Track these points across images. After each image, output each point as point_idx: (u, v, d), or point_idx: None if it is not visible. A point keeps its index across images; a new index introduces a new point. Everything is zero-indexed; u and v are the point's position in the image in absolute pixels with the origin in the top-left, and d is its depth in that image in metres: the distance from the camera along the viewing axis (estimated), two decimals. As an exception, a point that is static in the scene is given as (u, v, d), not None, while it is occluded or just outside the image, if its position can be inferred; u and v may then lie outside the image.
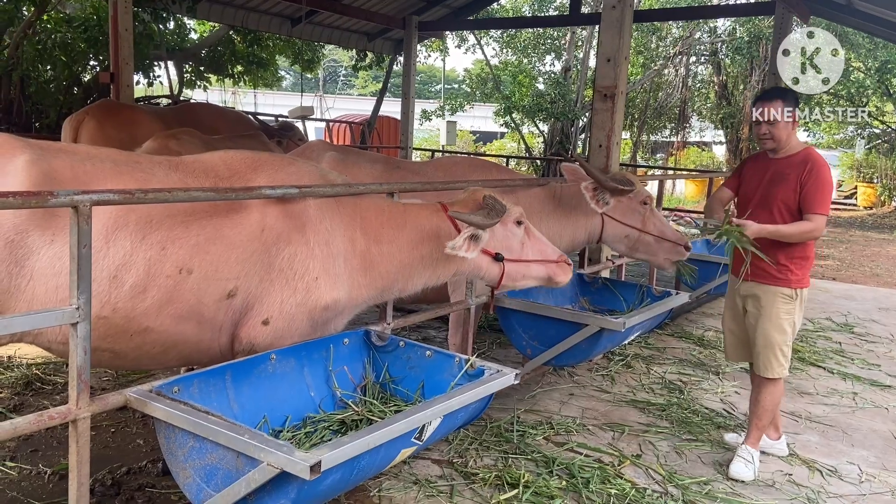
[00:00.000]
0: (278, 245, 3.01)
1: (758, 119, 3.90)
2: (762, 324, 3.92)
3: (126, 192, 2.51)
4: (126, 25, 8.25)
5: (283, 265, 3.01)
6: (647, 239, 4.91)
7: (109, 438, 3.99)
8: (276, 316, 3.02)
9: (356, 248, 3.25)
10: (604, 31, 6.22)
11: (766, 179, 3.92)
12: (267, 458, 2.21)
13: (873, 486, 3.87)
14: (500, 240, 3.53)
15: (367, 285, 3.31)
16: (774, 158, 3.94)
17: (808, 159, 3.82)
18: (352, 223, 3.27)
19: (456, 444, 4.04)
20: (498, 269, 3.54)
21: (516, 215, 3.60)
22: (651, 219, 4.91)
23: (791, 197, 3.81)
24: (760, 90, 3.96)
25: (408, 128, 13.47)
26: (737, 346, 4.17)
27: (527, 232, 3.66)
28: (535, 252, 3.66)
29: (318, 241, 3.11)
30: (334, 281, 3.14)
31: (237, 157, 3.24)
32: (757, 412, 3.97)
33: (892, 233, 16.71)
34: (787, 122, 3.82)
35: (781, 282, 3.86)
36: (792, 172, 3.81)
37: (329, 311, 3.19)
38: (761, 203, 3.91)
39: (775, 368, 3.87)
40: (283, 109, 15.77)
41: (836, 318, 7.57)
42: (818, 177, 3.76)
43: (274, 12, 12.88)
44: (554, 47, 21.09)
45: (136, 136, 6.43)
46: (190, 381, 2.72)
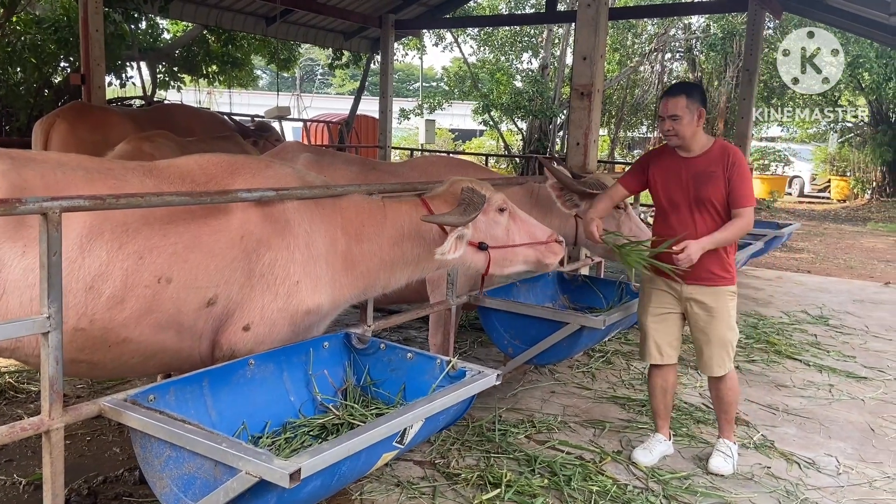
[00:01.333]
0: (259, 251, 2.97)
1: (661, 115, 3.81)
2: (716, 326, 3.81)
3: (97, 197, 2.47)
4: (97, 26, 8.13)
5: (263, 270, 2.97)
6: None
7: (85, 447, 3.92)
8: (258, 322, 2.98)
9: (337, 248, 3.22)
10: (579, 30, 6.24)
11: (687, 180, 3.78)
12: (245, 467, 2.18)
13: (851, 477, 3.92)
14: (484, 230, 3.48)
15: (349, 285, 3.28)
16: (689, 158, 3.80)
17: (726, 152, 3.76)
18: (332, 223, 3.24)
19: (438, 445, 4.03)
20: (483, 259, 3.51)
21: (498, 203, 3.54)
22: (626, 223, 4.81)
23: (721, 194, 3.71)
24: (667, 87, 3.87)
25: (386, 127, 13.44)
26: (661, 346, 3.97)
27: (511, 217, 3.60)
28: (522, 235, 3.60)
29: (298, 244, 3.07)
30: (316, 284, 3.11)
31: (213, 161, 3.19)
32: (723, 407, 3.98)
33: (865, 225, 16.97)
34: (691, 118, 3.71)
35: (727, 280, 3.82)
36: (717, 169, 3.71)
37: (312, 315, 3.15)
38: (695, 205, 3.76)
39: (727, 364, 3.88)
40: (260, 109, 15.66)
41: (811, 311, 7.66)
42: (741, 168, 3.72)
43: (248, 11, 12.78)
44: (531, 45, 21.15)
45: (108, 138, 6.34)
46: (166, 388, 2.68)
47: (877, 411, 4.88)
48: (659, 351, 3.98)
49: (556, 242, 3.72)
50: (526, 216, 3.72)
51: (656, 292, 3.97)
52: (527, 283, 5.11)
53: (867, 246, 13.53)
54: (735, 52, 18.79)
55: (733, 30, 18.80)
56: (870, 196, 21.31)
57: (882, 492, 3.77)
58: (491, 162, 20.47)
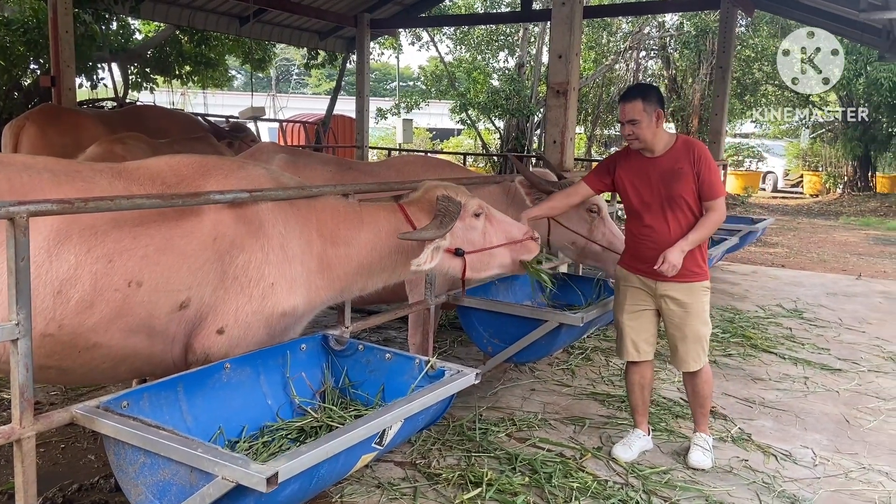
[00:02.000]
0: (232, 252, 2.93)
1: (620, 120, 3.84)
2: (690, 321, 3.85)
3: (65, 201, 2.42)
4: (66, 27, 8.01)
5: (237, 273, 2.93)
6: (594, 247, 4.78)
7: (59, 455, 3.86)
8: (232, 324, 2.94)
9: (313, 250, 3.18)
10: (554, 28, 6.26)
11: (657, 180, 3.80)
12: (221, 472, 2.15)
13: (827, 468, 3.97)
14: (460, 235, 3.47)
15: (325, 287, 3.26)
16: (654, 158, 3.83)
17: (690, 147, 3.79)
18: (307, 225, 3.20)
19: (419, 445, 4.01)
20: (459, 264, 3.50)
21: (473, 208, 3.53)
22: (599, 227, 4.77)
23: (692, 190, 3.75)
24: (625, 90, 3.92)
25: (363, 126, 13.38)
26: (637, 343, 3.99)
27: (488, 219, 3.60)
28: (498, 236, 3.60)
29: (272, 245, 3.04)
30: (291, 286, 3.07)
31: (184, 162, 3.13)
32: (699, 401, 4.01)
33: (837, 219, 17.22)
34: (650, 121, 3.75)
35: (700, 276, 3.85)
36: (684, 165, 3.74)
37: (287, 318, 3.12)
38: (667, 204, 3.78)
39: (702, 358, 3.92)
40: (235, 110, 15.50)
41: (786, 305, 7.76)
42: (708, 161, 3.75)
43: (221, 11, 12.66)
44: (507, 44, 21.17)
45: (79, 140, 6.25)
46: (139, 394, 2.63)
47: (851, 402, 4.95)
48: (635, 348, 4.01)
49: (532, 239, 3.72)
50: (501, 215, 3.71)
51: (631, 290, 4.00)
52: (505, 281, 5.11)
53: (840, 240, 13.74)
54: (708, 50, 18.96)
55: (706, 27, 18.96)
56: (841, 190, 21.65)
57: (857, 482, 3.82)
58: (469, 161, 20.50)
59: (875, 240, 13.84)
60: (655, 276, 3.83)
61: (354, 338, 3.55)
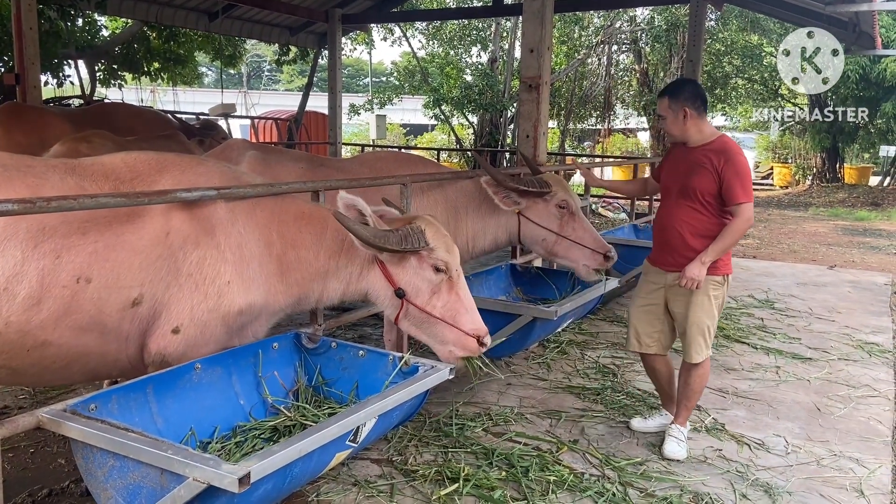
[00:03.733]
0: (185, 248, 2.87)
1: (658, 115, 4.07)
2: (694, 312, 3.91)
3: (27, 201, 2.36)
4: (30, 23, 7.85)
5: (191, 269, 2.87)
6: (565, 244, 4.77)
7: (28, 459, 3.77)
8: (187, 323, 2.87)
9: (272, 252, 3.10)
10: (526, 22, 6.26)
11: (682, 170, 3.93)
12: (192, 473, 2.12)
13: (799, 456, 4.03)
14: (409, 275, 3.18)
15: (283, 292, 3.16)
16: (691, 148, 3.95)
17: (723, 149, 3.83)
18: (268, 226, 3.12)
19: (395, 442, 4.00)
20: (395, 306, 3.21)
21: (437, 259, 3.17)
22: (570, 223, 4.76)
23: (710, 186, 3.80)
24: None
25: (336, 123, 13.30)
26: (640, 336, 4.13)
27: (448, 285, 3.21)
28: (446, 311, 3.19)
29: (229, 243, 2.97)
30: (248, 285, 3.00)
31: (140, 158, 3.07)
32: (687, 394, 4.06)
33: (807, 210, 17.50)
34: (675, 117, 3.89)
35: (710, 270, 3.85)
36: (708, 162, 3.81)
37: (244, 316, 3.04)
38: (681, 194, 3.91)
39: (703, 352, 3.96)
40: (206, 107, 15.31)
41: (757, 295, 7.86)
42: (735, 165, 3.76)
43: (189, 7, 12.48)
44: (479, 38, 21.16)
45: (45, 139, 6.11)
46: (108, 396, 2.59)
47: (822, 391, 5.03)
48: (638, 339, 4.15)
49: (479, 342, 3.23)
50: (467, 298, 3.27)
51: (646, 284, 4.15)
52: (479, 276, 5.11)
53: (809, 230, 13.96)
54: (679, 44, 19.14)
55: (677, 21, 19.14)
56: (811, 182, 21.99)
57: (829, 469, 3.88)
58: (443, 156, 20.48)
59: (843, 230, 14.09)
60: (666, 265, 3.97)
61: (328, 335, 3.52)
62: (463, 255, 4.91)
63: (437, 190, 4.91)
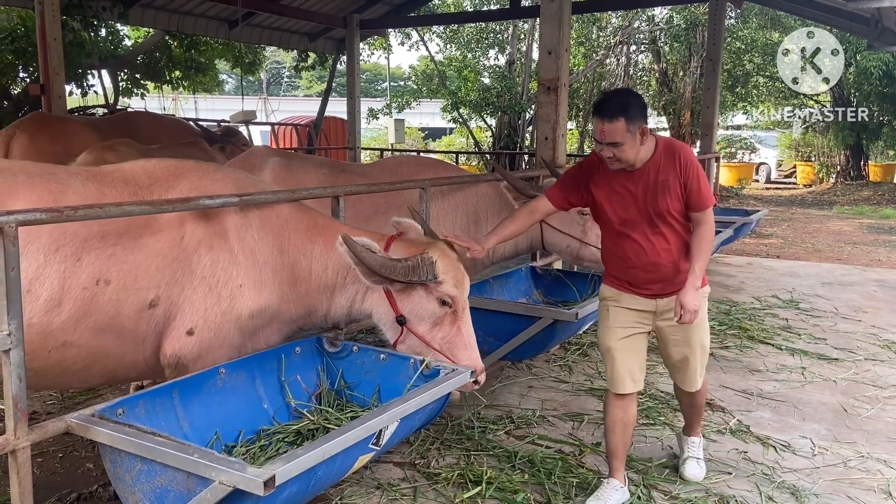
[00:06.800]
0: (199, 251, 2.93)
1: (598, 139, 3.22)
2: (698, 333, 3.45)
3: (55, 210, 2.41)
4: (55, 35, 7.99)
5: (205, 272, 2.93)
6: (590, 250, 4.73)
7: (57, 464, 3.84)
8: (201, 326, 2.92)
9: (285, 259, 3.15)
10: (544, 24, 6.26)
11: (640, 195, 3.29)
12: (219, 477, 2.15)
13: (826, 458, 3.97)
14: (414, 304, 3.16)
15: (295, 300, 3.20)
16: (633, 171, 3.30)
17: (673, 154, 3.26)
18: (282, 233, 3.17)
19: (417, 446, 4.01)
20: (395, 331, 3.22)
21: (444, 293, 3.13)
22: (593, 229, 4.64)
23: (679, 202, 3.27)
24: (598, 99, 3.34)
25: (355, 127, 13.37)
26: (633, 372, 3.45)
27: (452, 318, 3.18)
28: (445, 343, 3.17)
29: (242, 248, 3.03)
30: (260, 288, 3.05)
31: (159, 165, 3.14)
32: (696, 411, 3.81)
33: (831, 209, 17.26)
34: (633, 141, 3.16)
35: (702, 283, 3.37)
36: (669, 176, 3.24)
37: (256, 319, 3.08)
38: (654, 221, 3.29)
39: (703, 371, 3.63)
40: (226, 114, 15.47)
41: (781, 295, 7.77)
42: (695, 168, 3.26)
43: (210, 15, 12.62)
44: (497, 41, 21.17)
45: (70, 148, 6.21)
46: (135, 401, 2.63)
47: (849, 392, 4.96)
48: (632, 377, 3.44)
49: (473, 379, 3.14)
50: (468, 334, 3.20)
51: (622, 311, 3.45)
52: (500, 278, 5.12)
53: (834, 229, 13.77)
54: (699, 43, 18.99)
55: (696, 20, 18.98)
56: (834, 180, 21.70)
57: (857, 471, 3.83)
58: (461, 159, 20.49)
59: (869, 228, 13.88)
60: (653, 293, 3.39)
61: (349, 339, 3.54)
62: (483, 262, 4.93)
63: (458, 194, 4.92)
